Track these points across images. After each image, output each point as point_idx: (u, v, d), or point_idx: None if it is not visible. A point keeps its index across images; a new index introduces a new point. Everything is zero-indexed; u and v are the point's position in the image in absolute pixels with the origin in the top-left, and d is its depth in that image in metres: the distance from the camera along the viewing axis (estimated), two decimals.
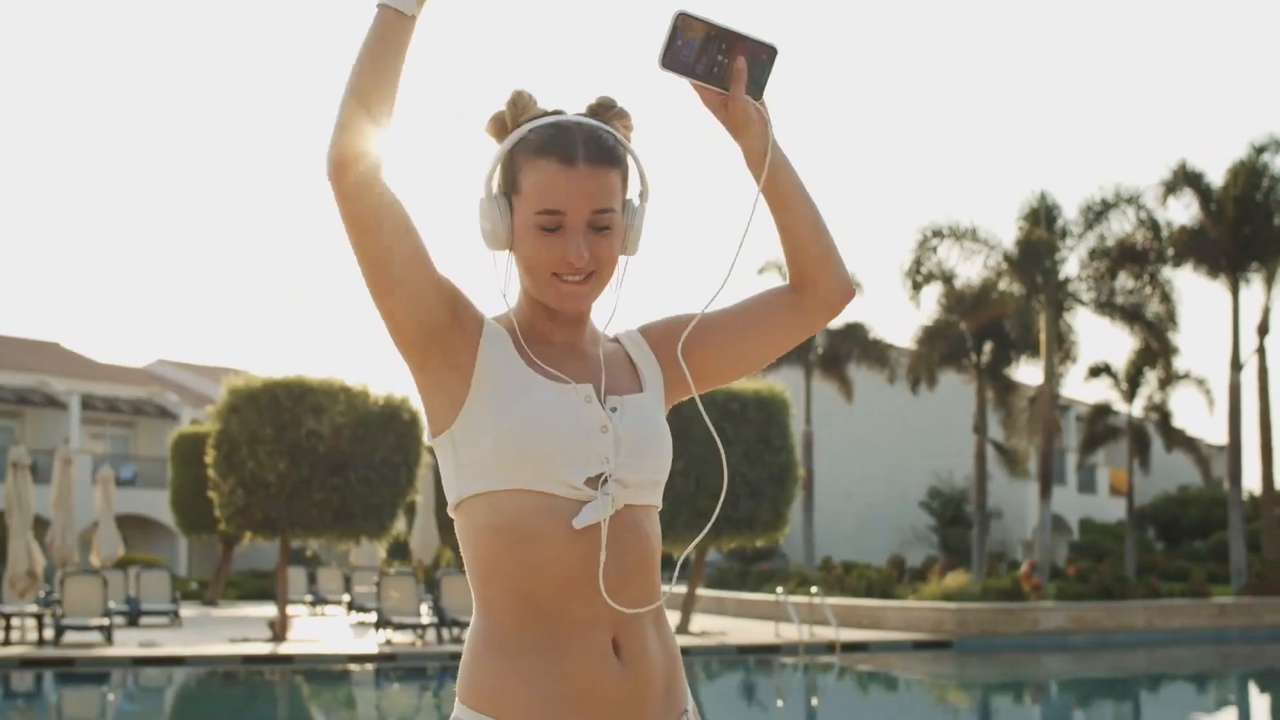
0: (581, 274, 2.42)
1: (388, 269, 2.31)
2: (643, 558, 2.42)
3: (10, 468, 24.38)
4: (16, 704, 19.84)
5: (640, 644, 2.41)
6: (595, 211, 2.40)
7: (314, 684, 21.01)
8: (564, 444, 2.36)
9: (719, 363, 2.62)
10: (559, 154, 2.40)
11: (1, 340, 56.72)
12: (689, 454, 25.21)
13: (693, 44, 2.43)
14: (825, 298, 2.60)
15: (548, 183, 2.39)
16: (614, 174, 2.43)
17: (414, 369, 2.42)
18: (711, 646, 24.32)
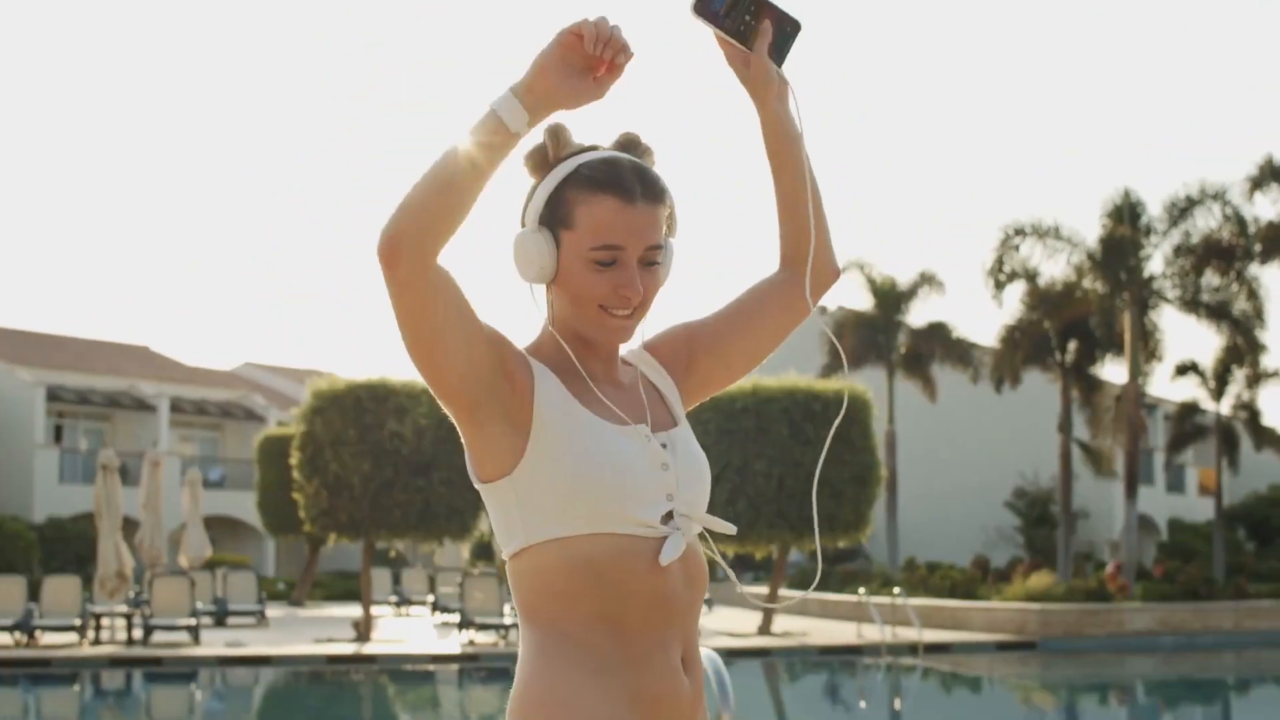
0: (630, 308, 2.46)
1: (433, 347, 2.32)
2: (702, 579, 2.51)
3: (100, 470, 24.71)
4: (107, 703, 20.16)
5: (697, 657, 2.50)
6: (649, 248, 2.45)
7: (397, 684, 21.18)
8: (637, 486, 2.41)
9: (723, 367, 2.69)
10: (618, 191, 2.43)
11: (92, 344, 57.52)
12: (768, 455, 25.23)
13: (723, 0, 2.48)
14: (816, 275, 2.67)
15: (608, 219, 2.42)
16: (662, 211, 2.49)
17: (462, 421, 2.41)
18: (793, 647, 24.29)
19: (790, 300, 2.69)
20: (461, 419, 2.41)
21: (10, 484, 48.81)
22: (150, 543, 27.85)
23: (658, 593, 2.40)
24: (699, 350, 2.65)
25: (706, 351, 2.65)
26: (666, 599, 2.41)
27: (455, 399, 2.38)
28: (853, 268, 38.68)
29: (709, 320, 2.67)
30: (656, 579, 2.40)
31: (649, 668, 2.41)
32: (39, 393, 49.37)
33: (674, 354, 2.65)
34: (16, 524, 40.97)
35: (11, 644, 22.88)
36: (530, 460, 2.39)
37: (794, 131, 2.61)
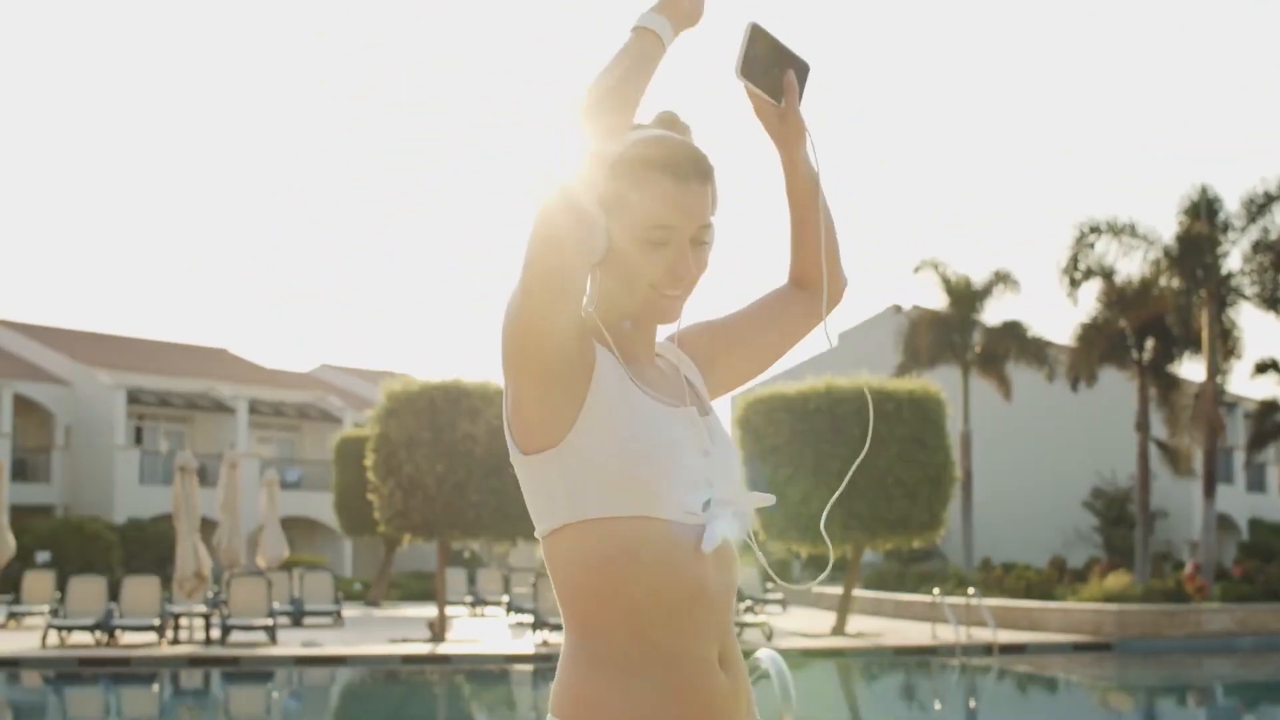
0: (682, 288, 2.45)
1: (562, 281, 2.28)
2: (735, 573, 2.47)
3: (178, 472, 24.98)
4: (184, 702, 20.36)
5: (735, 653, 2.45)
6: (700, 227, 2.44)
7: (472, 684, 21.28)
8: (685, 471, 2.37)
9: (743, 366, 2.72)
10: (672, 170, 2.42)
11: (172, 347, 58.12)
12: (842, 455, 25.15)
13: (759, 56, 2.50)
14: (831, 295, 2.75)
15: (662, 198, 2.41)
16: (711, 190, 2.47)
17: (527, 385, 2.35)
18: (867, 648, 24.22)
19: (809, 309, 2.76)
20: (528, 383, 2.34)
21: (92, 485, 49.42)
22: (228, 543, 28.13)
23: (696, 583, 2.35)
24: (719, 348, 2.66)
25: (726, 351, 2.67)
26: (704, 590, 2.36)
27: (534, 358, 2.32)
28: (927, 267, 38.55)
29: (730, 319, 2.70)
30: (696, 568, 2.35)
31: (685, 664, 2.36)
32: (119, 395, 49.94)
33: (697, 349, 2.65)
34: (97, 525, 41.51)
35: (92, 643, 23.17)
36: (581, 431, 2.33)
37: (814, 174, 2.67)
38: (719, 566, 2.40)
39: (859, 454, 19.76)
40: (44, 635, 23.08)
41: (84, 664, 21.54)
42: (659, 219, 2.41)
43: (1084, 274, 33.72)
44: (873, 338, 46.36)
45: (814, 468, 25.28)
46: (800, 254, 2.74)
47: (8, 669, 21.48)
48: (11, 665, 21.55)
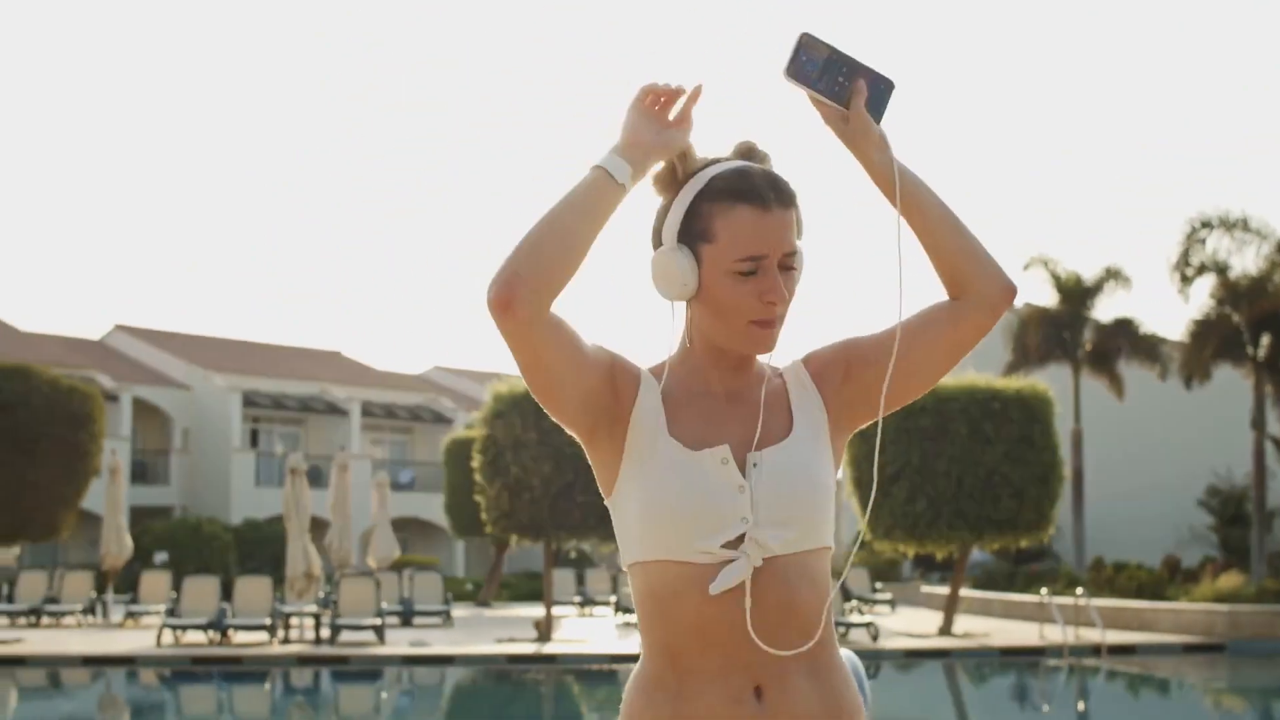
0: (775, 315, 2.49)
1: (548, 381, 2.42)
2: (789, 606, 2.45)
3: (288, 474, 25.34)
4: (295, 700, 20.65)
5: (784, 689, 2.44)
6: (786, 254, 2.48)
7: (576, 683, 21.40)
8: (700, 514, 2.43)
9: (900, 381, 2.59)
10: (755, 199, 2.46)
11: (286, 350, 58.89)
12: (948, 454, 25.02)
13: (815, 62, 2.52)
14: (983, 299, 2.58)
15: (747, 228, 2.45)
16: (794, 214, 2.51)
17: (583, 442, 2.55)
18: (974, 649, 24.05)
19: (959, 314, 2.60)
20: (583, 440, 2.53)
21: (209, 487, 50.24)
22: (339, 544, 28.51)
23: (712, 621, 2.41)
24: (855, 360, 2.60)
25: (863, 362, 2.59)
26: (721, 627, 2.41)
27: (575, 427, 2.51)
28: (1036, 264, 38.16)
29: (874, 334, 2.62)
30: (710, 607, 2.41)
31: (702, 698, 2.43)
32: (235, 398, 50.73)
33: (826, 365, 2.62)
34: (213, 526, 42.20)
35: (205, 642, 23.56)
36: (619, 484, 2.51)
37: (905, 175, 2.56)
38: (760, 599, 2.43)
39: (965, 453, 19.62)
40: (159, 634, 23.50)
41: (197, 662, 21.91)
42: (746, 250, 2.46)
43: (1196, 270, 33.25)
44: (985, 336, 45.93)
45: (919, 467, 25.17)
46: (931, 260, 2.61)
47: (124, 667, 21.92)
48: (128, 663, 21.98)
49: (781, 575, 2.44)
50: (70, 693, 20.88)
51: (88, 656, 22.16)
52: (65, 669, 22.00)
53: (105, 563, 29.47)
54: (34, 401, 23.70)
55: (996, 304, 2.59)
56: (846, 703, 2.50)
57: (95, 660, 22.07)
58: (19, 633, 26.34)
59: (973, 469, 24.97)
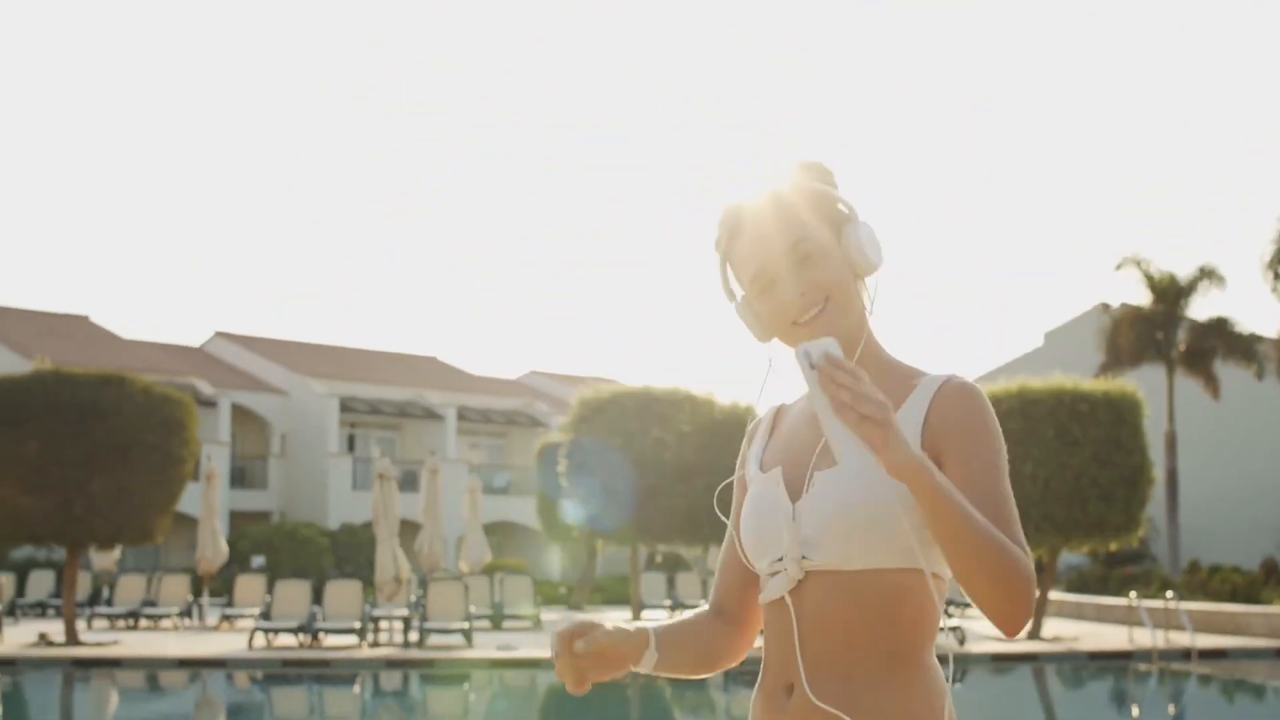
0: (810, 310, 2.55)
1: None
2: (829, 621, 2.51)
3: (377, 479, 25.62)
4: (385, 702, 20.90)
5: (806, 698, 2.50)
6: (788, 251, 2.55)
7: (660, 687, 21.47)
8: (754, 534, 2.59)
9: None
10: (729, 229, 2.62)
11: (382, 356, 59.41)
12: (1034, 457, 24.86)
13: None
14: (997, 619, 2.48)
15: (744, 254, 2.59)
16: (791, 210, 2.57)
17: None
18: (1062, 653, 23.85)
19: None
20: None
21: (307, 492, 50.81)
22: (429, 548, 28.78)
23: (773, 628, 2.58)
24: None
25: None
26: (775, 632, 2.57)
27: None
28: (1129, 264, 37.79)
29: (963, 481, 2.43)
30: (772, 616, 2.57)
31: (760, 692, 2.62)
32: (332, 404, 51.25)
33: (945, 426, 2.51)
34: (310, 530, 42.70)
35: (296, 645, 23.88)
36: None
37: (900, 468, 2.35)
38: (802, 615, 2.51)
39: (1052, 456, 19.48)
40: (250, 637, 23.86)
41: (287, 665, 22.21)
42: (749, 273, 2.59)
43: None
44: (1079, 337, 45.55)
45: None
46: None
47: (216, 669, 22.28)
48: (219, 665, 22.34)
49: (824, 592, 2.51)
50: (162, 695, 21.26)
51: (181, 659, 22.55)
52: (158, 671, 22.39)
53: (201, 567, 29.94)
54: (127, 409, 24.09)
55: (1006, 633, 2.50)
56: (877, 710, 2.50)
57: (188, 663, 22.45)
58: (117, 635, 26.84)
59: (1060, 471, 24.80)
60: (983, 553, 2.32)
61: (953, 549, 2.34)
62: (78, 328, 51.48)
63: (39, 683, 21.55)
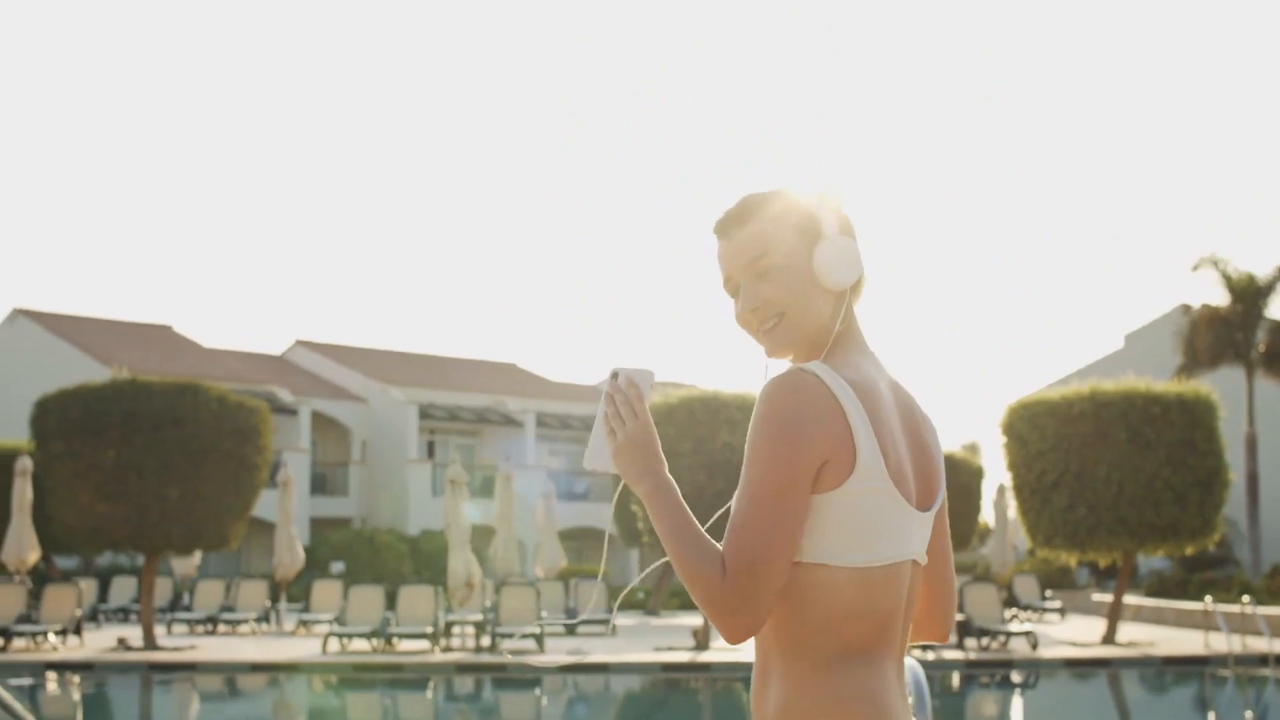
0: (765, 324, 2.68)
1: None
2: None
3: (448, 485, 25.82)
4: (458, 706, 21.06)
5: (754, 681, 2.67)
6: (746, 265, 2.67)
7: (729, 692, 21.50)
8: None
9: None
10: (724, 231, 2.72)
11: (461, 363, 59.75)
12: (1108, 460, 24.66)
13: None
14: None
15: (720, 260, 2.73)
16: (755, 224, 2.67)
17: None
18: (1134, 658, 23.63)
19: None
20: None
21: (387, 498, 51.16)
22: (503, 554, 28.91)
23: None
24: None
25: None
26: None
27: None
28: (1206, 264, 37.37)
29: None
30: None
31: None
32: (412, 411, 51.57)
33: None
34: (389, 536, 43.01)
35: (370, 649, 24.09)
36: None
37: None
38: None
39: (1125, 459, 19.21)
40: (324, 642, 24.09)
41: (359, 669, 22.43)
42: (721, 277, 2.74)
43: None
44: (1159, 339, 45.10)
45: (1078, 473, 24.86)
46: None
47: (290, 673, 22.54)
48: (292, 670, 22.60)
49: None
50: (235, 699, 21.54)
51: (254, 663, 22.83)
52: (232, 675, 22.68)
53: (278, 572, 30.26)
54: (203, 417, 24.43)
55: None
56: (780, 708, 2.59)
57: (261, 667, 22.73)
58: (195, 640, 27.20)
59: (1133, 475, 24.58)
60: (678, 565, 2.50)
61: (669, 555, 2.52)
62: (160, 337, 52.14)
63: (116, 686, 21.92)
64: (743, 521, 2.46)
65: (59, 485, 24.86)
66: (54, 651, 23.92)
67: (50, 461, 24.96)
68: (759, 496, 2.47)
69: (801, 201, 2.70)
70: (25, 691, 20.72)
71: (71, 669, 22.64)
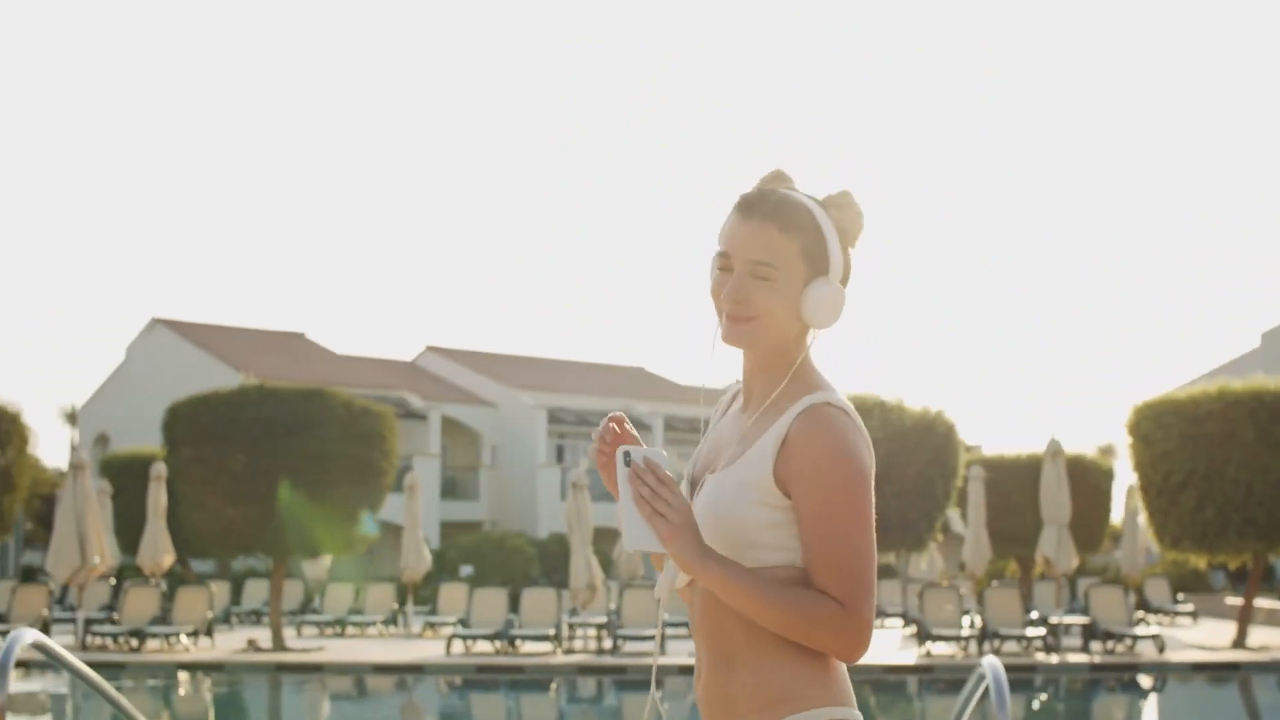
0: (733, 312, 2.76)
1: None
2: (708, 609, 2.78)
3: (570, 488, 25.98)
4: (580, 707, 21.20)
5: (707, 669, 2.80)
6: (753, 261, 2.73)
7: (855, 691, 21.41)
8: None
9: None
10: (738, 206, 2.78)
11: (590, 367, 60.06)
12: (1236, 460, 24.22)
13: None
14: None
15: (725, 229, 2.78)
16: (782, 234, 2.74)
17: None
18: (1266, 662, 23.18)
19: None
20: None
21: (516, 502, 51.57)
22: (627, 556, 29.04)
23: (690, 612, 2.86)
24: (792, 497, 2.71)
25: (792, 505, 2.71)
26: (691, 617, 2.87)
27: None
28: None
29: (799, 518, 2.69)
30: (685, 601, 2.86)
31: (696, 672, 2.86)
32: (541, 415, 51.96)
33: (793, 451, 2.69)
34: (518, 539, 43.33)
35: (493, 651, 24.31)
36: None
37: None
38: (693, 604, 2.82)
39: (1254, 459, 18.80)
40: (448, 644, 24.35)
41: (482, 671, 22.65)
42: (719, 244, 2.78)
43: None
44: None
45: (1206, 474, 24.43)
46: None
47: (413, 674, 22.83)
48: (416, 671, 22.89)
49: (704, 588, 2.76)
50: (357, 699, 21.85)
51: (378, 664, 23.14)
52: (356, 676, 23.00)
53: (405, 575, 30.61)
54: (329, 422, 24.82)
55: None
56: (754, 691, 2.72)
57: (385, 668, 23.04)
58: (323, 642, 27.61)
59: (1262, 475, 24.10)
60: (778, 621, 2.62)
61: (758, 620, 2.64)
62: (293, 345, 52.99)
63: (244, 686, 22.33)
64: (854, 549, 2.61)
65: (190, 490, 25.40)
66: (186, 652, 24.42)
67: (182, 467, 25.52)
68: (863, 523, 2.63)
69: (824, 230, 2.77)
70: (158, 691, 21.22)
71: (202, 669, 23.12)
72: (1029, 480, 28.47)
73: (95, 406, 53.87)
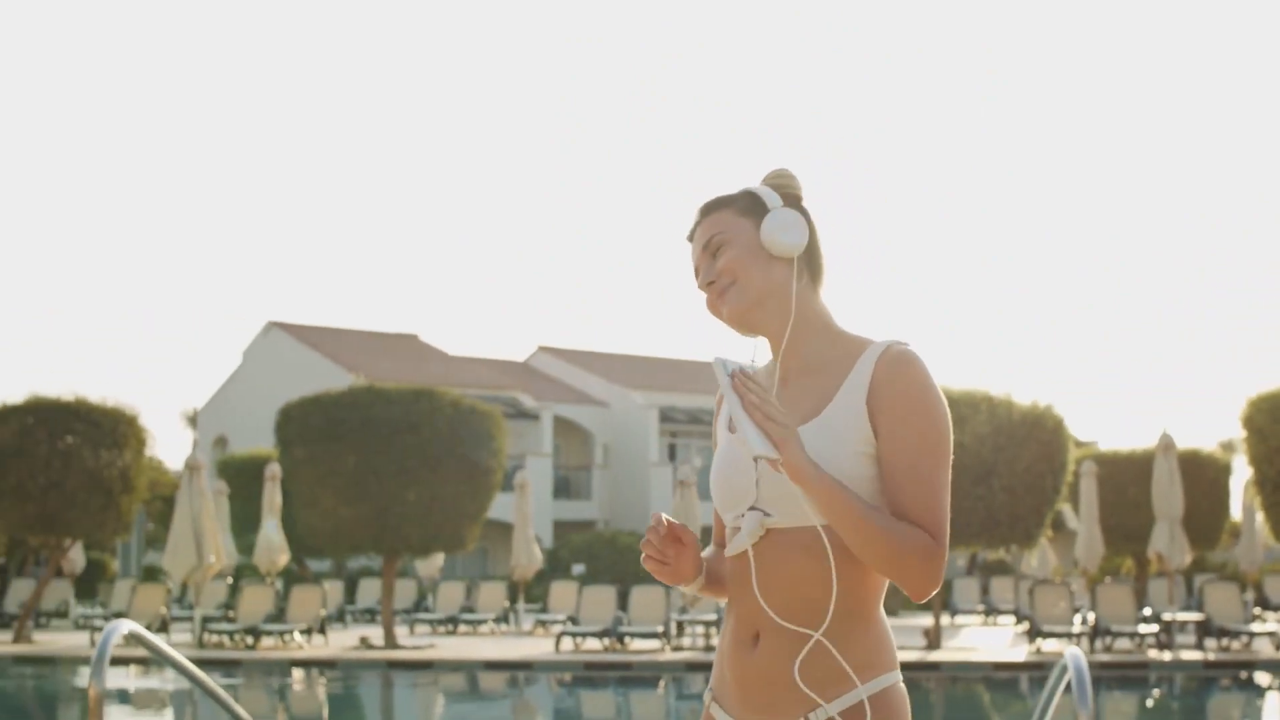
0: (718, 285, 2.88)
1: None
2: (787, 573, 2.75)
3: (678, 486, 26.06)
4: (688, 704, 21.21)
5: (773, 646, 2.74)
6: (705, 245, 2.91)
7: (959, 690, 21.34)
8: (721, 489, 2.86)
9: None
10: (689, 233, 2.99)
11: (701, 365, 60.00)
12: None
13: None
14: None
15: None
16: (717, 213, 2.93)
17: None
18: None
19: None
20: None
21: (629, 501, 51.68)
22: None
23: (737, 574, 2.80)
24: (879, 442, 2.73)
25: (880, 454, 2.73)
26: (740, 580, 2.79)
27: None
28: None
29: (888, 452, 2.71)
30: (734, 564, 2.81)
31: (726, 635, 2.86)
32: (652, 414, 52.03)
33: (881, 396, 2.73)
34: (631, 538, 43.44)
35: (601, 649, 24.41)
36: None
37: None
38: (762, 565, 2.76)
39: None
40: (557, 641, 24.50)
41: (589, 668, 22.76)
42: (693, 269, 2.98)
43: None
44: None
45: None
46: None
47: (522, 671, 23.00)
48: (525, 668, 23.05)
49: (781, 546, 2.75)
50: (467, 696, 22.02)
51: (488, 661, 23.35)
52: (466, 673, 23.20)
53: (515, 574, 30.81)
54: (438, 422, 25.07)
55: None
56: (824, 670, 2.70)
57: (494, 665, 23.23)
58: (435, 640, 27.89)
59: None
60: (874, 541, 2.62)
61: (849, 539, 2.64)
62: (406, 346, 53.49)
63: (356, 683, 22.60)
64: (943, 485, 2.69)
65: (303, 490, 25.75)
66: (300, 650, 24.78)
67: (294, 467, 25.88)
68: (948, 462, 2.72)
69: (753, 190, 2.91)
70: (272, 688, 21.56)
71: (316, 666, 23.45)
72: (1144, 476, 28.06)
73: (214, 409, 54.74)
